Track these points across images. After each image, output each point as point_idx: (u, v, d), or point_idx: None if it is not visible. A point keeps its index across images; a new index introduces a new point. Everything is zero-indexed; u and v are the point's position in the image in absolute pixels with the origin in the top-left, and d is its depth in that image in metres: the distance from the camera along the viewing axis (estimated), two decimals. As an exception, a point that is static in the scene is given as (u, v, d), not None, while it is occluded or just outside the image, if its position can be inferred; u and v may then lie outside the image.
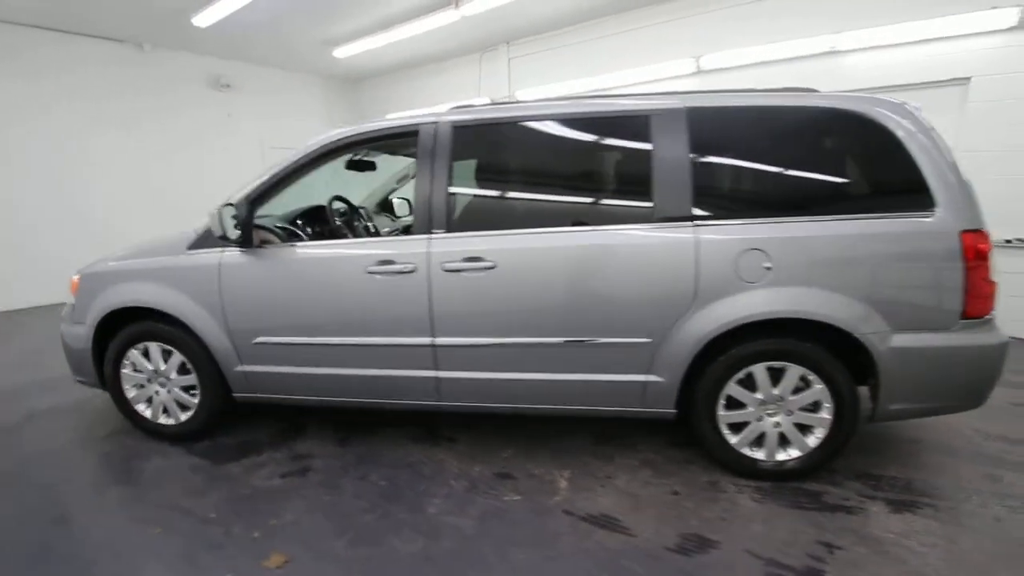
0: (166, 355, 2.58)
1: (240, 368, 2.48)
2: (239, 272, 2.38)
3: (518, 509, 2.07)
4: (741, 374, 2.14)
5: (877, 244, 1.98)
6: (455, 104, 2.38)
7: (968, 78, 4.13)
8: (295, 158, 2.39)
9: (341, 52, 7.06)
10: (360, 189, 4.04)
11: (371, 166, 3.25)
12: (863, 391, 2.15)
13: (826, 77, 4.54)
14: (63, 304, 2.85)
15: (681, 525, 1.96)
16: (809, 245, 2.00)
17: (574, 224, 2.15)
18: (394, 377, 2.36)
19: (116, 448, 2.65)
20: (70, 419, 3.04)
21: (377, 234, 3.24)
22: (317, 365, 2.41)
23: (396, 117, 2.38)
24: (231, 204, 2.29)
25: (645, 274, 2.09)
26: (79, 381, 2.81)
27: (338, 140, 2.36)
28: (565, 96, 3.65)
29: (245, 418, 2.92)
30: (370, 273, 2.24)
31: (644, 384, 2.18)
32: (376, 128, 2.35)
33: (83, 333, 2.63)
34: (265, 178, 2.39)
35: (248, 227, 2.33)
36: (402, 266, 2.20)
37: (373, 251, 2.27)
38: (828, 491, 2.16)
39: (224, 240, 2.29)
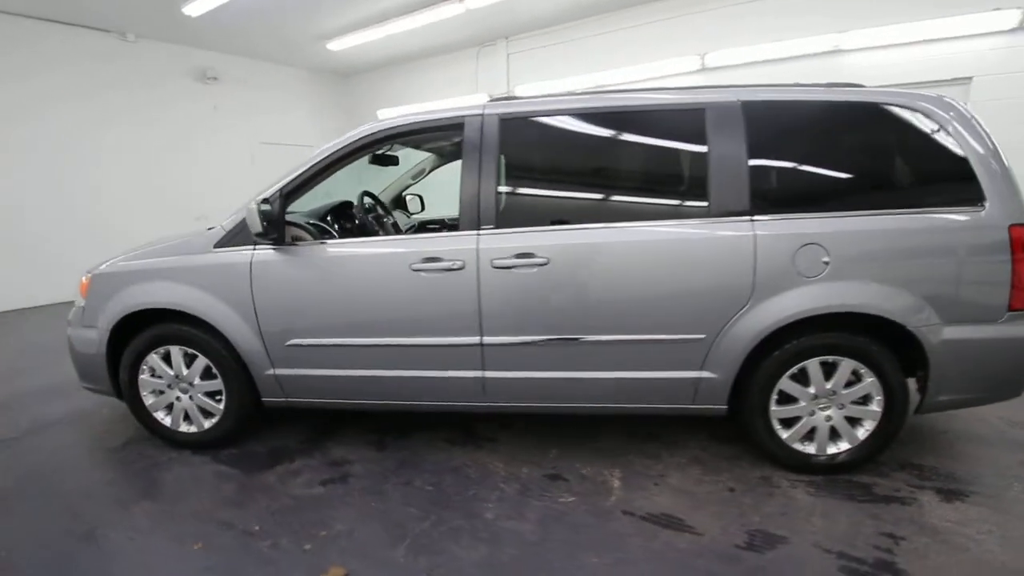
0: (188, 359, 2.44)
1: (271, 372, 2.36)
2: (273, 271, 2.26)
3: (576, 511, 2.02)
4: (795, 369, 2.13)
5: (929, 238, 1.99)
6: (494, 97, 2.31)
7: (970, 78, 4.25)
8: (332, 150, 2.28)
9: (336, 45, 6.89)
10: (372, 185, 3.93)
11: (394, 161, 3.15)
12: (910, 383, 2.17)
13: (829, 76, 4.61)
14: (44, 306, 2.67)
15: (744, 522, 1.94)
16: (865, 239, 2.00)
17: (628, 220, 2.11)
18: (438, 378, 2.27)
19: (135, 459, 2.49)
20: (79, 429, 2.86)
21: (399, 231, 3.14)
22: (356, 367, 2.31)
23: (435, 109, 2.29)
24: (266, 199, 2.17)
25: (702, 270, 2.06)
26: (87, 388, 2.64)
27: (378, 132, 2.26)
28: (613, 88, 3.54)
29: (269, 424, 2.80)
30: (415, 271, 2.16)
31: (697, 381, 2.16)
32: (419, 121, 2.26)
33: (95, 337, 2.47)
34: (300, 171, 2.28)
35: (282, 223, 2.22)
36: (450, 263, 2.12)
37: (419, 248, 2.18)
38: (877, 483, 2.17)
39: (263, 236, 2.16)
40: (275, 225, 2.18)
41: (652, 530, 1.90)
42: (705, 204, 2.07)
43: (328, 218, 2.66)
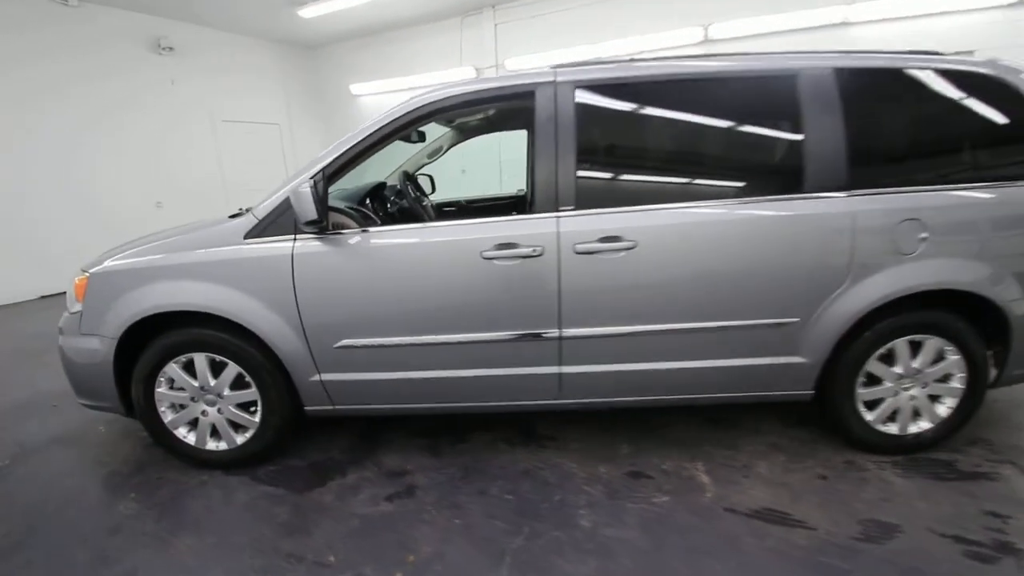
0: (216, 368, 2.13)
1: (317, 378, 2.09)
2: (319, 264, 1.97)
3: (676, 512, 1.89)
4: (883, 349, 2.06)
5: (1018, 211, 1.94)
6: (560, 63, 2.07)
7: (972, 51, 4.31)
8: (381, 123, 1.99)
9: (308, 11, 6.33)
10: (383, 165, 3.61)
11: (423, 137, 2.85)
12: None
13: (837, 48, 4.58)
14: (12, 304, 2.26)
15: (850, 511, 1.86)
16: (962, 213, 1.94)
17: (719, 198, 1.94)
18: (509, 376, 2.07)
19: (156, 485, 2.18)
20: (77, 452, 2.49)
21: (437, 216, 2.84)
22: (417, 368, 2.07)
23: (497, 76, 2.03)
24: (312, 178, 1.87)
25: (798, 250, 1.94)
26: (86, 405, 2.28)
27: (433, 103, 1.99)
28: (692, 53, 3.25)
29: (303, 434, 2.52)
30: (487, 259, 1.93)
31: (787, 366, 2.06)
32: (482, 89, 2.00)
33: (98, 347, 2.11)
34: (344, 148, 1.98)
35: (325, 209, 1.92)
36: (527, 249, 1.91)
37: (490, 233, 1.94)
38: (957, 459, 2.16)
39: (313, 225, 1.87)
40: (318, 211, 1.88)
41: (762, 528, 1.80)
42: (800, 179, 1.93)
43: (367, 202, 2.37)
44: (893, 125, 2.01)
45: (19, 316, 5.18)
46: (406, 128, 2.03)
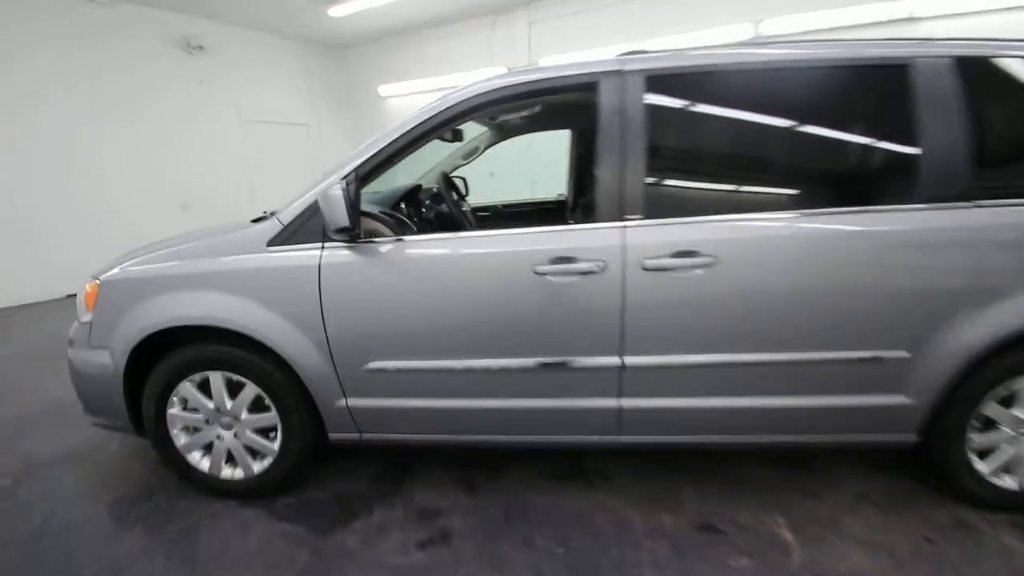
0: (233, 389, 1.92)
1: (344, 402, 1.86)
2: (349, 276, 1.75)
3: (759, 578, 1.60)
4: (1002, 388, 1.74)
5: None
6: (625, 51, 1.81)
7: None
8: (423, 118, 1.76)
9: (338, 10, 6.20)
10: (411, 166, 3.40)
11: (458, 136, 2.63)
12: None
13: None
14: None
15: (974, 588, 1.55)
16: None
17: (815, 206, 1.65)
18: (560, 409, 1.81)
19: (167, 515, 1.97)
20: (85, 471, 2.31)
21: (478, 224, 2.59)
22: (455, 396, 1.82)
23: (556, 66, 1.77)
24: (344, 179, 1.64)
25: (909, 269, 1.63)
26: (97, 424, 2.10)
27: (485, 94, 1.74)
28: (779, 39, 2.89)
29: (325, 461, 2.29)
30: (540, 274, 1.67)
31: (889, 407, 1.74)
32: (538, 79, 1.74)
33: (108, 361, 1.92)
34: (382, 144, 1.75)
35: (357, 214, 1.70)
36: (588, 264, 1.64)
37: (543, 245, 1.69)
38: (1087, 522, 1.82)
39: (345, 233, 1.64)
40: (349, 217, 1.66)
41: (870, 606, 1.50)
42: (913, 187, 1.63)
43: (402, 207, 2.14)
44: (1020, 124, 1.70)
45: (41, 316, 5.12)
46: (451, 123, 1.79)
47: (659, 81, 1.69)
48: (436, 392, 1.83)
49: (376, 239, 1.78)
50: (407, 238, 1.78)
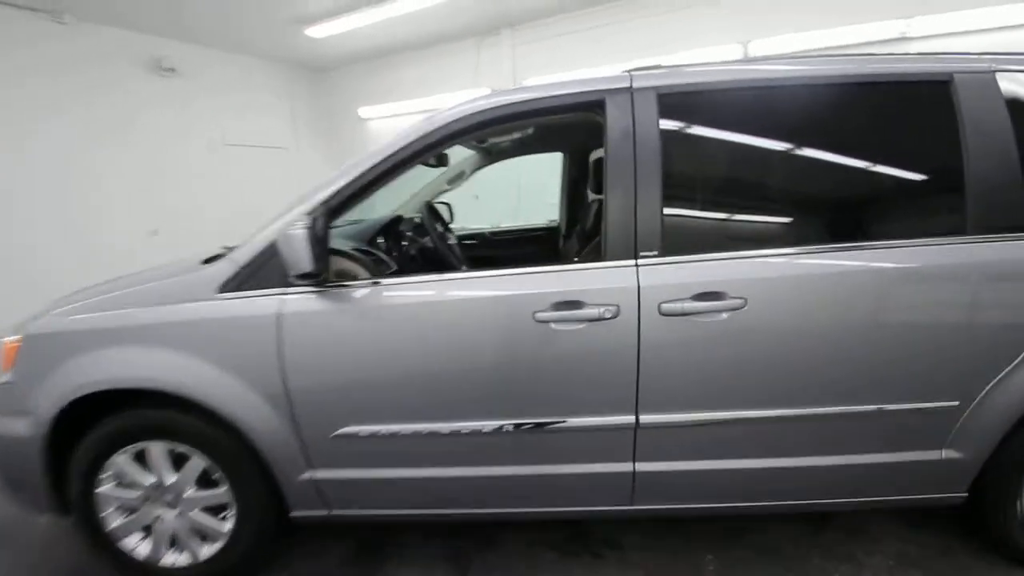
0: (177, 461, 1.62)
1: (310, 475, 1.57)
2: (316, 326, 1.47)
3: None
4: (1064, 442, 1.53)
5: None
6: (631, 67, 1.61)
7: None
8: (405, 142, 1.51)
9: (317, 31, 6.00)
10: (389, 192, 3.16)
11: (442, 160, 2.40)
12: None
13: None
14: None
15: None
16: None
17: (853, 240, 1.44)
18: (567, 476, 1.55)
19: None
20: (4, 556, 1.95)
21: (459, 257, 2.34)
22: (444, 464, 1.55)
23: (556, 83, 1.55)
24: (310, 215, 1.39)
25: (959, 310, 1.42)
26: (13, 501, 1.77)
27: (478, 113, 1.50)
28: (807, 53, 2.64)
29: (289, 537, 1.97)
30: (542, 322, 1.42)
31: (937, 463, 1.52)
32: (539, 98, 1.52)
33: (24, 431, 1.61)
34: (358, 171, 1.50)
35: (326, 253, 1.44)
36: (597, 310, 1.40)
37: (545, 287, 1.44)
38: None
39: (305, 279, 1.38)
40: (316, 256, 1.40)
41: None
42: (960, 216, 1.44)
43: (379, 241, 1.88)
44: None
45: None
46: (436, 148, 1.55)
47: (674, 99, 1.48)
48: (420, 460, 1.56)
49: (349, 282, 1.51)
50: (385, 281, 1.52)
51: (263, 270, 1.49)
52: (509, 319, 1.44)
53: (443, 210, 3.12)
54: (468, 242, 3.16)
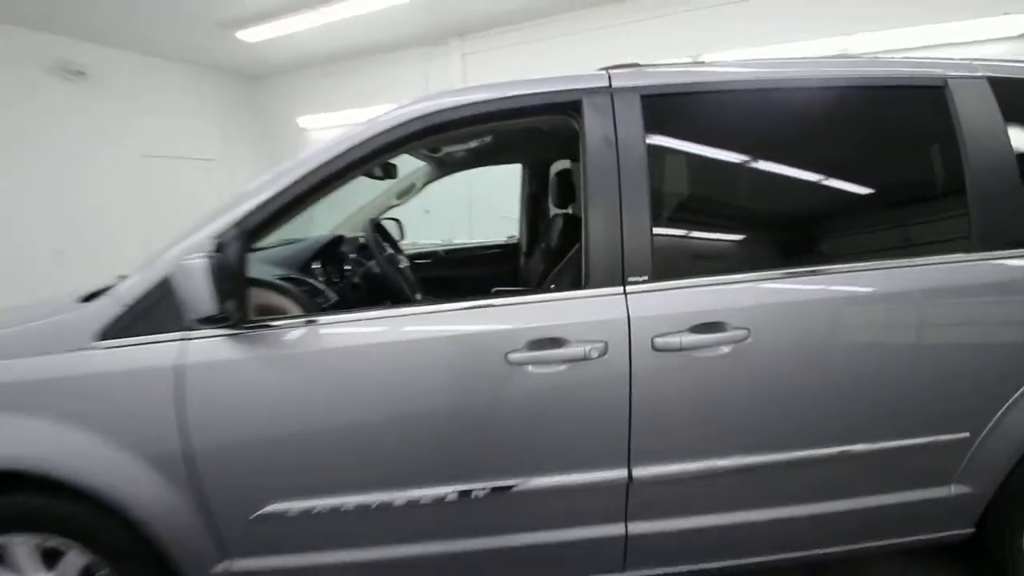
0: (50, 557, 1.24)
1: (225, 567, 1.24)
2: (230, 381, 1.16)
3: None
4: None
5: None
6: (609, 65, 1.41)
7: (977, 85, 4.10)
8: (342, 148, 1.24)
9: (249, 35, 5.57)
10: (335, 207, 2.85)
11: (390, 171, 2.12)
12: None
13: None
14: None
15: None
16: None
17: (867, 258, 1.29)
18: (546, 545, 1.30)
19: None
20: None
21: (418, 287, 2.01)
22: (399, 541, 1.26)
23: (523, 81, 1.33)
24: (217, 240, 1.08)
25: (968, 335, 1.31)
26: None
27: (428, 117, 1.25)
28: (802, 57, 2.50)
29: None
30: (516, 364, 1.18)
31: (944, 500, 1.40)
32: (500, 97, 1.29)
33: None
34: (284, 184, 1.21)
35: (243, 286, 1.14)
36: (581, 348, 1.17)
37: (519, 322, 1.20)
38: None
39: (209, 323, 1.07)
40: (231, 288, 1.10)
41: None
42: (964, 231, 1.33)
43: (315, 267, 1.58)
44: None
45: None
46: (379, 156, 1.29)
47: (659, 102, 1.29)
48: (370, 539, 1.26)
49: (274, 321, 1.21)
50: (322, 318, 1.23)
51: (158, 309, 1.17)
52: (477, 362, 1.19)
53: (392, 227, 2.84)
54: (420, 261, 2.88)
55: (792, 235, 1.36)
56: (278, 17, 5.24)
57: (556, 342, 1.18)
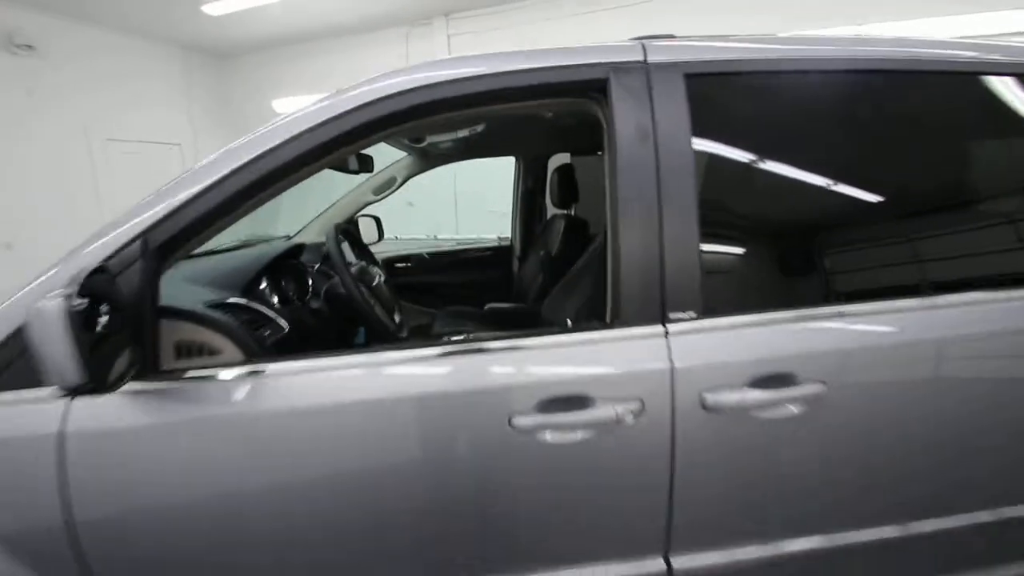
0: None
1: None
2: (134, 454, 0.85)
3: None
4: None
5: None
6: (644, 35, 1.11)
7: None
8: (294, 131, 0.92)
9: (214, 8, 5.12)
10: (295, 207, 2.51)
11: (367, 163, 1.79)
12: None
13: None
14: None
15: None
16: None
17: (978, 285, 1.02)
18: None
19: None
20: None
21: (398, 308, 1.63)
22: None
23: (538, 51, 1.03)
24: (97, 269, 0.76)
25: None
26: None
27: (405, 96, 0.93)
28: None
29: None
30: (524, 431, 0.88)
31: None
32: (499, 72, 0.97)
33: None
34: (200, 186, 0.89)
35: (147, 324, 0.82)
36: (611, 409, 0.88)
37: (527, 375, 0.90)
38: None
39: (88, 386, 0.75)
40: (125, 333, 0.78)
41: None
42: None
43: (264, 287, 1.25)
44: None
45: None
46: (344, 145, 0.97)
47: (711, 83, 0.99)
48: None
49: (201, 368, 0.90)
50: (268, 366, 0.91)
51: (19, 363, 0.84)
52: (471, 427, 0.89)
53: (369, 227, 2.50)
54: (401, 265, 2.56)
55: (886, 256, 1.07)
56: (246, -11, 4.82)
57: (575, 401, 0.89)
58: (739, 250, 1.04)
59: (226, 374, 0.90)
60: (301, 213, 2.44)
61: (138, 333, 0.82)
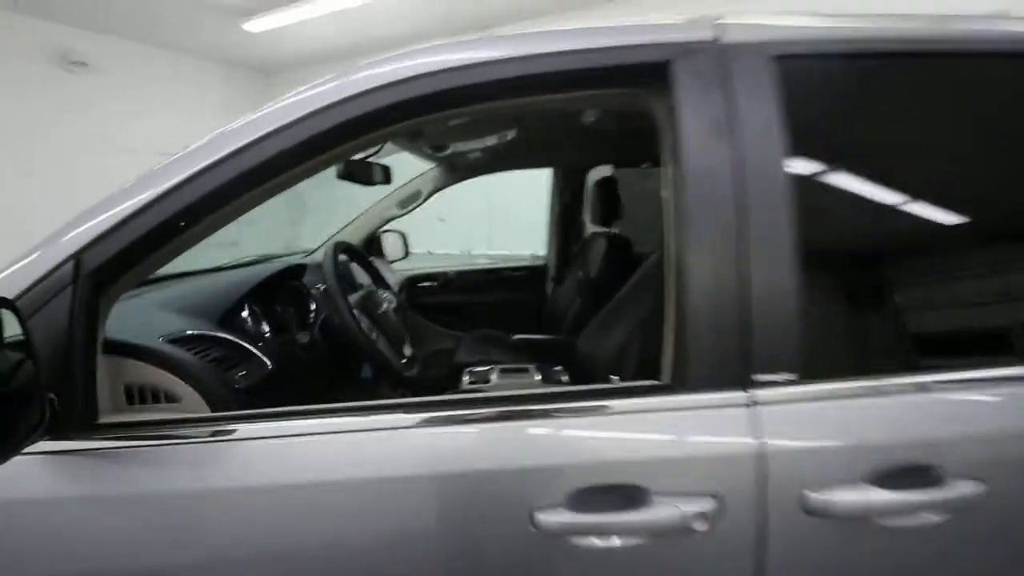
0: None
1: None
2: (65, 528, 0.66)
3: None
4: None
5: None
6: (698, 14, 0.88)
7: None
8: (252, 135, 0.74)
9: (255, 25, 5.19)
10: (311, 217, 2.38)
11: (384, 175, 1.62)
12: None
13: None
14: None
15: None
16: None
17: None
18: None
19: None
20: None
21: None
22: None
23: (583, 29, 0.81)
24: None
25: None
26: None
27: (432, 77, 0.72)
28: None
29: None
30: (548, 533, 0.65)
31: None
32: (540, 54, 0.76)
33: None
34: (163, 187, 0.72)
35: (84, 365, 0.64)
36: (676, 509, 0.63)
37: (554, 452, 0.67)
38: None
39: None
40: (39, 379, 0.60)
41: None
42: None
43: (249, 315, 1.06)
44: None
45: None
46: (339, 144, 0.78)
47: (808, 69, 0.75)
48: None
49: (146, 425, 0.71)
50: (237, 427, 0.71)
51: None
52: (480, 525, 0.66)
53: (394, 244, 2.32)
54: (425, 284, 2.38)
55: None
56: (285, 6, 4.85)
57: (623, 494, 0.65)
58: (854, 289, 0.78)
59: (181, 431, 0.70)
60: (321, 229, 2.31)
61: (60, 378, 0.64)
